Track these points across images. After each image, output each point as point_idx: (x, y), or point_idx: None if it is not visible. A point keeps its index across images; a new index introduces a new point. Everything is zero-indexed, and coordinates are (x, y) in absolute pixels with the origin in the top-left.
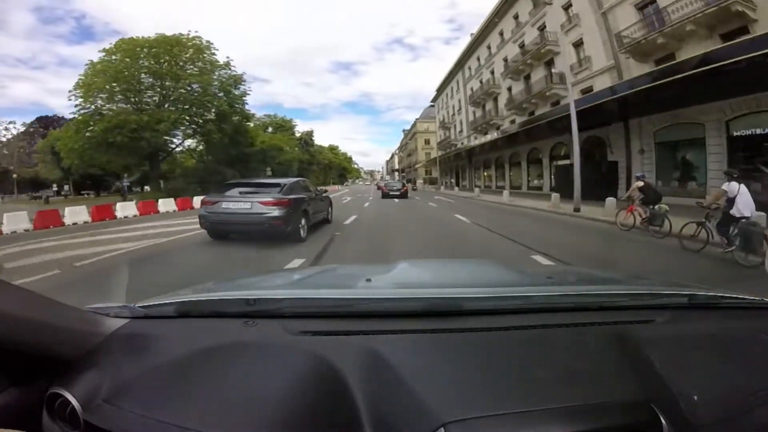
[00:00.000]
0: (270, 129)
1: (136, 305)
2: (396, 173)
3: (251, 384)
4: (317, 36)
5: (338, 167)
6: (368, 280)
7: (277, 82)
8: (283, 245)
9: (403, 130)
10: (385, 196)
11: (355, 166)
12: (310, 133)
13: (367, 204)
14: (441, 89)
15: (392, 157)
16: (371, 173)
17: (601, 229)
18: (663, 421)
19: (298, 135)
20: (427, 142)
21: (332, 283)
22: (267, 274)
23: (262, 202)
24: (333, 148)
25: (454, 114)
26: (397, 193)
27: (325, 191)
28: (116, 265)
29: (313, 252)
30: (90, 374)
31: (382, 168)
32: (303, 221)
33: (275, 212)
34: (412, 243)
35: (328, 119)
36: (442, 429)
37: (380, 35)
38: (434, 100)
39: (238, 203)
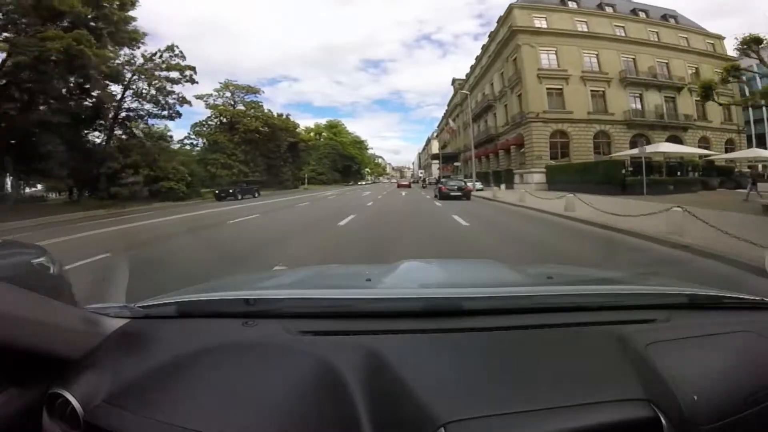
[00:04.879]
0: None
1: (136, 305)
2: (436, 164)
3: (251, 384)
4: (346, 34)
5: (337, 154)
6: (368, 279)
7: (308, 81)
8: None
9: (453, 81)
10: (444, 197)
11: (380, 160)
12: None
13: None
14: None
15: (428, 143)
16: (400, 170)
17: None
18: (663, 420)
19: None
20: (560, 78)
21: (332, 283)
22: (267, 274)
23: None
24: (334, 125)
25: None
26: (459, 193)
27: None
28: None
29: None
30: (90, 374)
31: (413, 164)
32: None
33: None
34: None
35: (359, 117)
36: (443, 429)
37: (409, 32)
38: None
39: None
